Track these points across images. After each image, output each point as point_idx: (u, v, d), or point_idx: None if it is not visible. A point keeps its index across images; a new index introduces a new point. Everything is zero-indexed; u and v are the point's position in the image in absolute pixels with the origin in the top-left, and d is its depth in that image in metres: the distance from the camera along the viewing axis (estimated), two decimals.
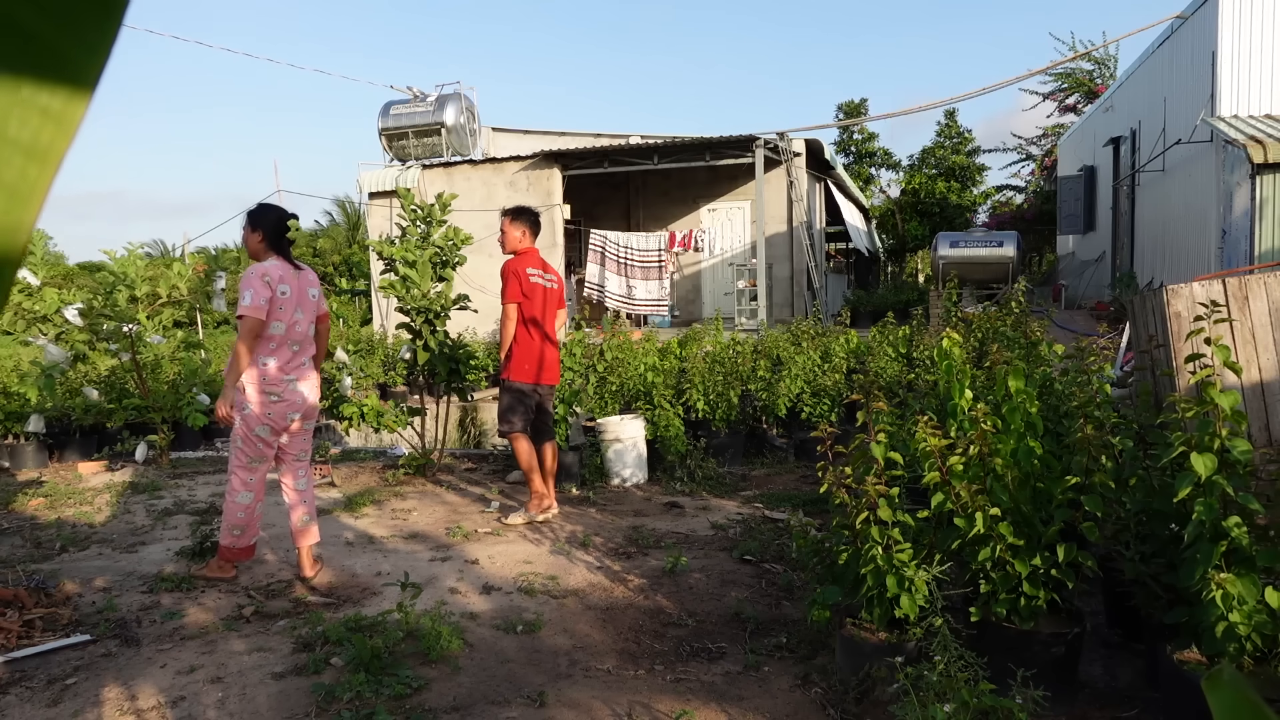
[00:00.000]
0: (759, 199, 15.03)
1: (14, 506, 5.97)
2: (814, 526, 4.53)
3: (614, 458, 6.74)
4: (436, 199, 6.79)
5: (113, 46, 0.35)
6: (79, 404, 7.67)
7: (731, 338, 9.36)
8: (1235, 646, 2.63)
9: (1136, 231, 14.64)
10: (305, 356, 4.43)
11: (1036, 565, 3.01)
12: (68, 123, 0.35)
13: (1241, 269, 9.20)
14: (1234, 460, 2.70)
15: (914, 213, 26.78)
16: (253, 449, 4.32)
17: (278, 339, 4.25)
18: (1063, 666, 3.00)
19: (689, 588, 4.33)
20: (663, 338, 10.41)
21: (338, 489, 6.50)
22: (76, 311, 7.11)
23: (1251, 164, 9.73)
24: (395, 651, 3.44)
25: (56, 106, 0.35)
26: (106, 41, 0.35)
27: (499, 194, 16.42)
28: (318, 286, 4.53)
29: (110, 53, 0.35)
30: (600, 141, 17.24)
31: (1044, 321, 8.24)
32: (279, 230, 4.35)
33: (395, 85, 17.92)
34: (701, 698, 3.14)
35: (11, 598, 3.99)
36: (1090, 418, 3.32)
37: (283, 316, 4.24)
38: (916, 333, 8.78)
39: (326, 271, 32.07)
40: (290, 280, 4.30)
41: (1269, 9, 10.75)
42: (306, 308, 4.39)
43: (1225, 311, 3.77)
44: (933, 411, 4.41)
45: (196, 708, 3.10)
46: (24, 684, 3.30)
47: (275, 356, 4.26)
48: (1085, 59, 22.83)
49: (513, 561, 4.75)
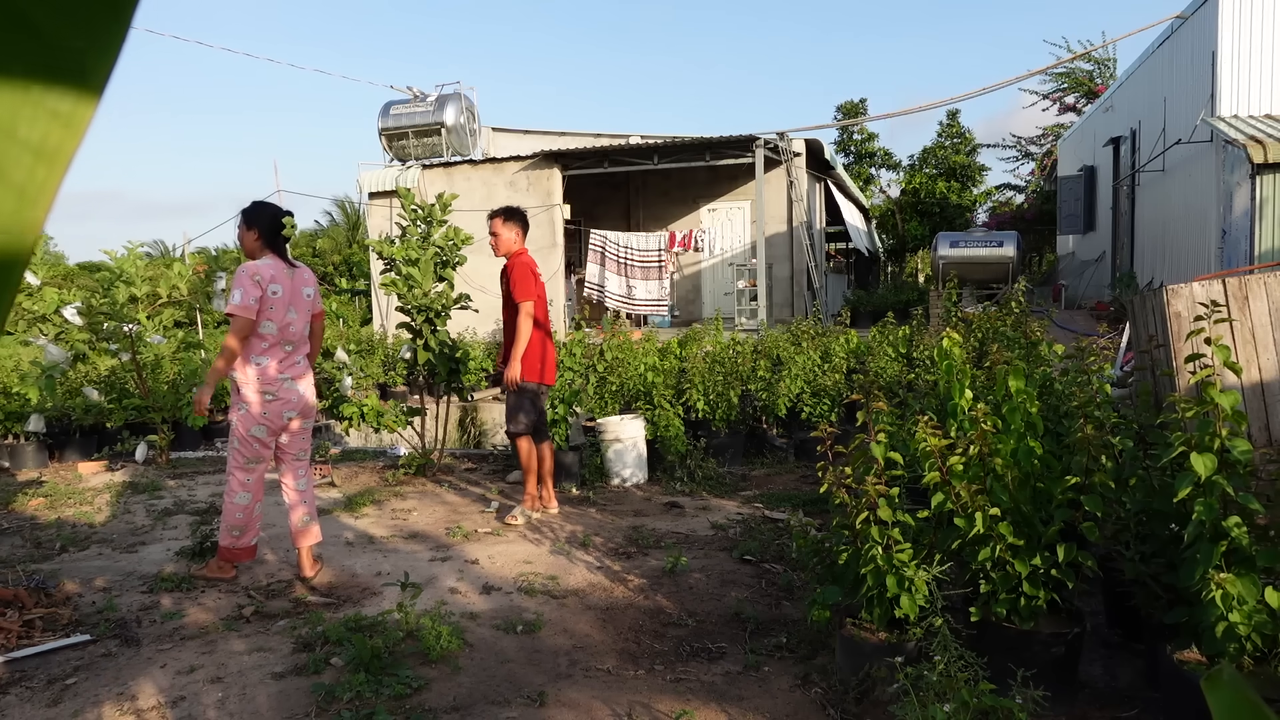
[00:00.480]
0: (759, 199, 15.04)
1: (14, 506, 5.97)
2: (814, 526, 4.53)
3: (614, 458, 6.74)
4: (437, 199, 6.79)
5: (122, 48, 0.35)
6: (79, 404, 7.67)
7: (731, 338, 9.36)
8: (1235, 646, 2.64)
9: (1136, 231, 14.64)
10: (301, 355, 4.43)
11: (1036, 565, 3.01)
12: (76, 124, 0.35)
13: (1241, 269, 9.21)
14: (1234, 460, 2.70)
15: (914, 213, 26.78)
16: (249, 449, 4.32)
17: (270, 339, 4.26)
18: (1063, 666, 3.01)
19: (689, 588, 4.33)
20: (663, 338, 10.41)
21: (338, 489, 6.50)
22: (76, 310, 7.11)
23: (1251, 164, 9.73)
24: (395, 651, 3.44)
25: (65, 108, 0.35)
26: (115, 43, 0.35)
27: (499, 194, 16.42)
28: (313, 285, 4.51)
29: (119, 54, 0.35)
30: (600, 141, 17.24)
31: (1044, 321, 8.25)
32: (274, 228, 4.35)
33: (395, 85, 17.93)
34: (701, 698, 3.14)
35: (11, 598, 3.99)
36: (1090, 418, 3.32)
37: (274, 316, 4.24)
38: (916, 333, 8.79)
39: (326, 271, 32.08)
40: (283, 279, 4.28)
41: (1269, 9, 10.75)
42: (301, 307, 4.38)
43: (1225, 311, 3.77)
44: (933, 411, 4.42)
45: (196, 708, 3.10)
46: (24, 684, 3.30)
47: (269, 356, 4.26)
48: (1085, 59, 22.84)
49: (513, 561, 4.75)
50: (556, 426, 6.47)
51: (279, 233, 4.36)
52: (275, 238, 4.35)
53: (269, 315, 4.23)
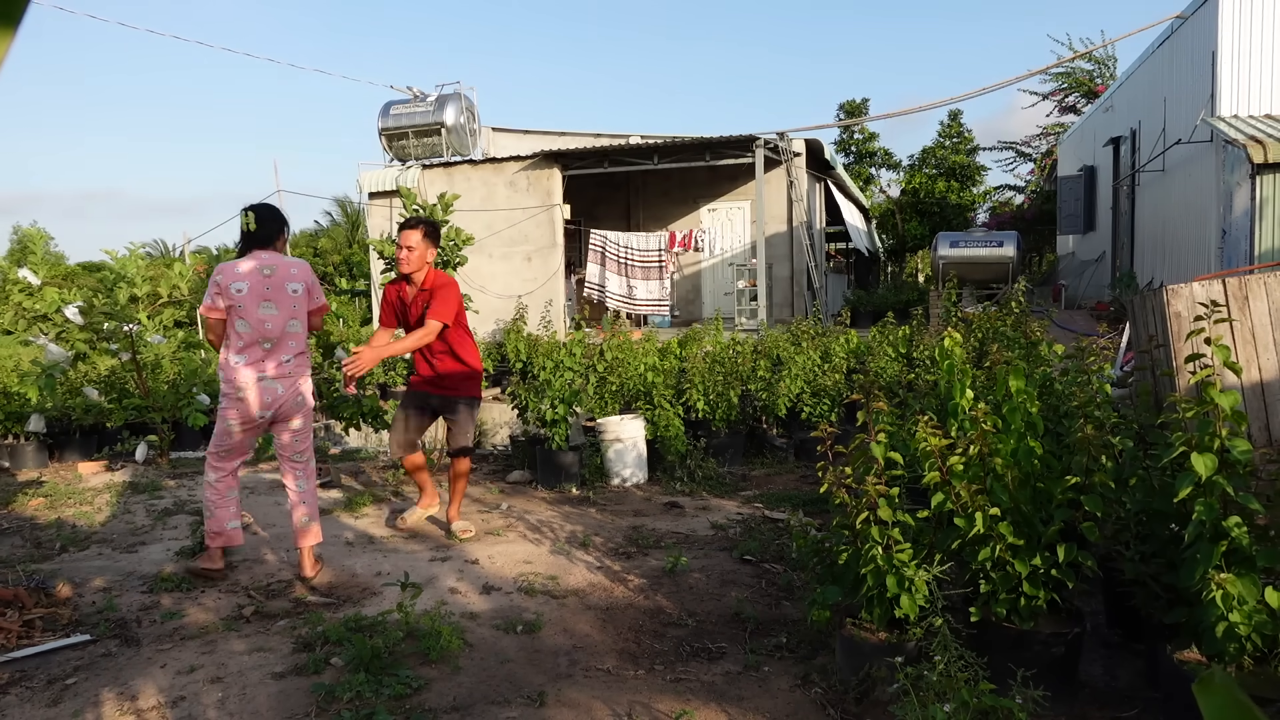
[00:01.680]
0: (759, 199, 15.04)
1: (14, 506, 5.97)
2: (814, 526, 4.53)
3: (614, 458, 6.74)
4: (439, 199, 6.80)
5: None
6: (79, 404, 7.67)
7: (731, 338, 9.37)
8: (1235, 646, 2.63)
9: (1136, 231, 14.64)
10: (287, 354, 4.36)
11: (1036, 565, 3.01)
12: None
13: (1241, 269, 9.21)
14: (1234, 460, 2.70)
15: (914, 213, 26.78)
16: (221, 442, 4.40)
17: (246, 337, 4.27)
18: (1063, 666, 3.01)
19: (689, 588, 4.33)
20: (663, 338, 10.42)
21: (338, 489, 6.50)
22: (76, 310, 7.11)
23: (1251, 164, 9.73)
24: (395, 651, 3.44)
25: None
26: None
27: (499, 194, 16.43)
28: (302, 281, 4.42)
29: None
30: (600, 141, 17.25)
31: (1044, 321, 8.25)
32: (243, 229, 4.43)
33: (395, 85, 17.94)
34: (701, 698, 3.14)
35: (11, 598, 3.99)
36: (1090, 418, 3.32)
37: (246, 314, 4.25)
38: (916, 333, 8.79)
39: (327, 271, 32.09)
40: (251, 277, 4.28)
41: (1269, 9, 10.75)
42: (282, 303, 4.33)
43: (1225, 311, 3.77)
44: (933, 411, 4.41)
45: (196, 708, 3.10)
46: (24, 684, 3.30)
47: (243, 355, 4.28)
48: (1085, 59, 22.83)
49: (513, 561, 4.75)
50: (557, 426, 6.47)
51: (247, 230, 4.39)
52: (245, 237, 4.41)
53: (240, 314, 4.25)
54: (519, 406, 7.01)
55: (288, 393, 4.38)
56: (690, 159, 15.40)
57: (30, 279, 7.37)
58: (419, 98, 17.14)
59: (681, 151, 15.46)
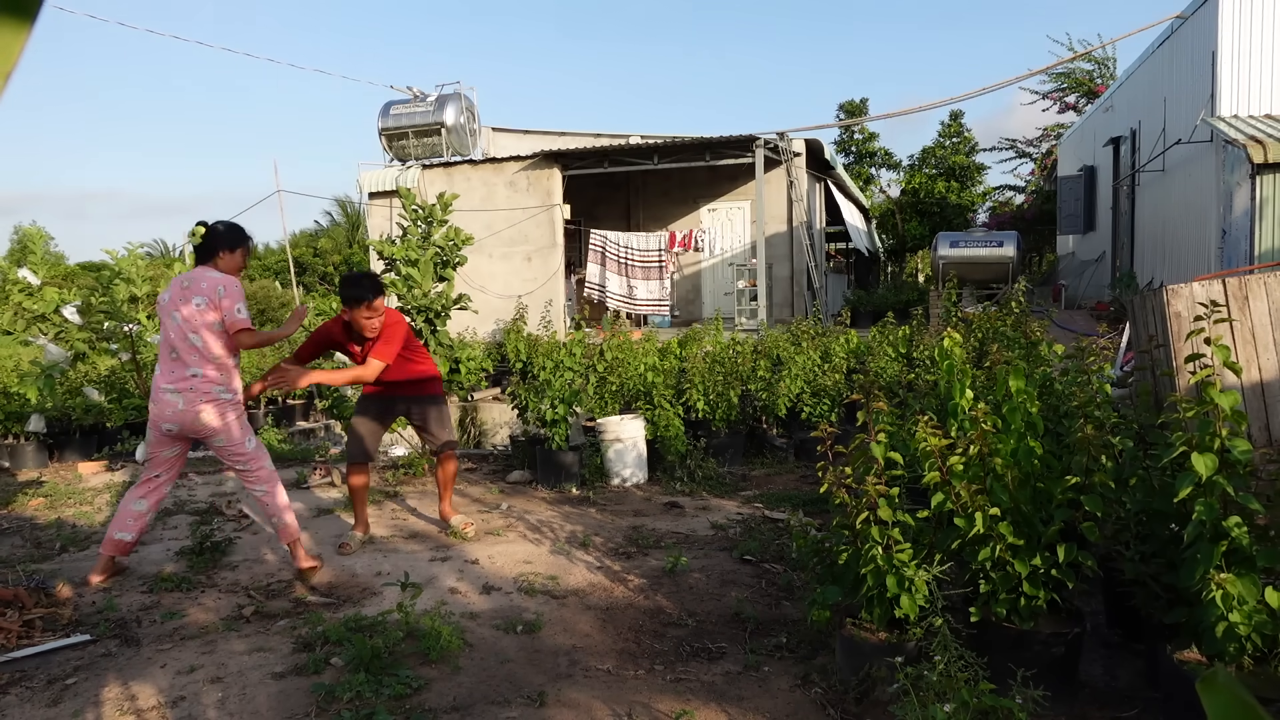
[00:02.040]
0: (759, 199, 15.04)
1: (14, 506, 5.97)
2: (814, 526, 4.53)
3: (614, 458, 6.74)
4: (438, 199, 6.80)
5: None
6: (79, 404, 7.66)
7: (731, 338, 9.37)
8: (1235, 646, 2.63)
9: (1136, 231, 14.64)
10: (188, 369, 4.27)
11: (1036, 565, 3.01)
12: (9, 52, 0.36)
13: (1241, 269, 9.21)
14: (1234, 460, 2.70)
15: (914, 213, 26.78)
16: (146, 449, 4.54)
17: (161, 346, 4.41)
18: (1063, 666, 3.01)
19: (689, 588, 4.33)
20: (663, 338, 10.42)
21: (337, 489, 6.50)
22: (75, 310, 7.11)
23: (1251, 164, 9.73)
24: (395, 651, 3.44)
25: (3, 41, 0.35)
26: None
27: (499, 194, 16.44)
28: (207, 295, 4.27)
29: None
30: (600, 141, 17.24)
31: (1044, 321, 8.25)
32: None
33: (395, 85, 17.95)
34: (701, 698, 3.14)
35: (11, 598, 3.99)
36: (1090, 418, 3.32)
37: (161, 323, 4.42)
38: (916, 333, 8.79)
39: (326, 271, 32.11)
40: (173, 288, 4.38)
41: (1269, 9, 10.75)
42: (186, 315, 4.26)
43: (1225, 311, 3.77)
44: (933, 411, 4.41)
45: (196, 708, 3.10)
46: (24, 684, 3.30)
47: (160, 364, 4.39)
48: (1085, 59, 22.83)
49: (513, 561, 4.75)
50: (557, 426, 6.48)
51: (202, 243, 4.46)
52: (198, 249, 4.49)
53: (160, 322, 4.42)
54: (519, 406, 7.01)
55: (188, 410, 4.26)
56: (690, 159, 15.40)
57: (30, 279, 7.37)
58: (419, 98, 17.14)
59: (681, 151, 15.46)
